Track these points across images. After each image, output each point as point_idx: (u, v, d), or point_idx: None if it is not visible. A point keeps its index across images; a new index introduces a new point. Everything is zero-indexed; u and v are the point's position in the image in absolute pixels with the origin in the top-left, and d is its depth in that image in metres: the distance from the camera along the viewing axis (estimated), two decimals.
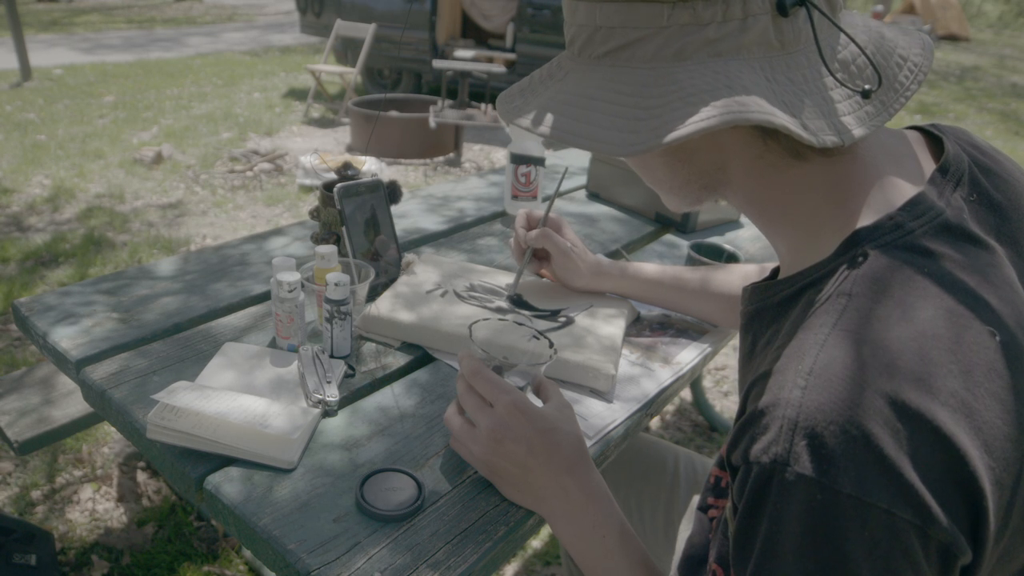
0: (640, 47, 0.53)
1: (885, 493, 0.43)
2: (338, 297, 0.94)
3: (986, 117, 7.25)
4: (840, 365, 0.46)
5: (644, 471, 1.12)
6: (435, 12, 6.15)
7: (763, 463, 0.47)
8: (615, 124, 0.53)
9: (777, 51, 0.52)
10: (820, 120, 0.52)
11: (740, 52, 0.52)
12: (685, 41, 0.52)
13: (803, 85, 0.53)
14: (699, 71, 0.52)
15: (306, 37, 9.42)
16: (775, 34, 0.52)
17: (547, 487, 0.73)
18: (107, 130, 5.19)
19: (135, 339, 1.02)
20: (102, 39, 9.68)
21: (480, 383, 0.75)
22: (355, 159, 4.26)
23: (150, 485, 1.83)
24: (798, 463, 0.45)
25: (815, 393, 0.46)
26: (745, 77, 0.51)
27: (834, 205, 0.56)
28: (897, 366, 0.45)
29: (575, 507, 0.72)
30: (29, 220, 3.57)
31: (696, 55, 0.52)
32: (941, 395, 0.45)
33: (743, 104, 0.49)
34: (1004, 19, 19.40)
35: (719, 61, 0.52)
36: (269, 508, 0.73)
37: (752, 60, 0.52)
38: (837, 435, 0.44)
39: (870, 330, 0.47)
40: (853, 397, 0.45)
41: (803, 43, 0.53)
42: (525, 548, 1.73)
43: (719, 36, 0.51)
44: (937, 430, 0.44)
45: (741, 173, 0.59)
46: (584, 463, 0.74)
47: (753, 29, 0.51)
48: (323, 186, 1.16)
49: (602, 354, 0.99)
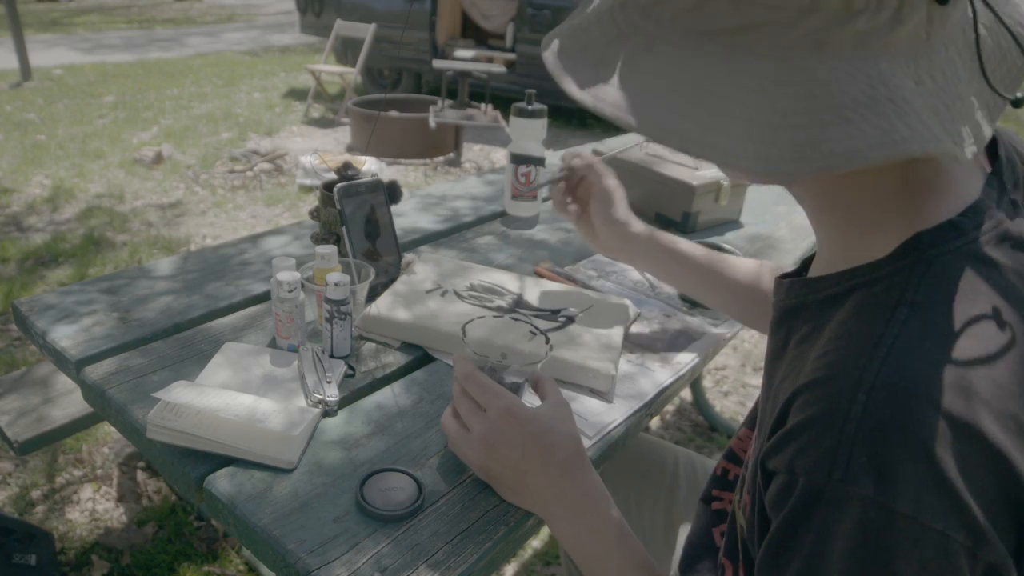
0: (770, 32, 0.43)
1: (942, 515, 0.42)
2: (338, 297, 0.94)
3: None
4: (903, 380, 0.44)
5: (644, 472, 1.12)
6: (435, 12, 6.15)
7: (813, 476, 0.45)
8: (751, 133, 0.43)
9: (924, 43, 0.44)
10: (961, 125, 0.45)
11: (888, 48, 0.43)
12: (831, 31, 0.43)
13: (945, 85, 0.45)
14: (845, 72, 0.43)
15: (306, 37, 9.41)
16: (926, 24, 0.44)
17: (544, 490, 0.72)
18: (107, 130, 5.19)
19: (135, 339, 1.02)
20: (102, 39, 9.68)
21: (473, 387, 0.74)
22: (355, 159, 4.26)
23: (150, 485, 1.83)
24: (855, 481, 0.43)
25: (877, 409, 0.43)
26: (904, 86, 0.43)
27: (902, 203, 0.52)
28: (960, 385, 0.43)
29: (573, 509, 0.71)
30: (29, 220, 3.57)
31: (839, 49, 0.43)
32: (1003, 416, 0.43)
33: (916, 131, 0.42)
34: None
35: (864, 57, 0.43)
36: (269, 508, 0.73)
37: (899, 56, 0.44)
38: (898, 454, 0.42)
39: (934, 345, 0.45)
40: (916, 415, 0.43)
41: (947, 30, 0.45)
42: (525, 548, 1.73)
43: (870, 28, 0.43)
44: (996, 451, 0.42)
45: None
46: (580, 464, 0.73)
47: (908, 22, 0.43)
48: (323, 186, 1.16)
49: (602, 354, 0.99)
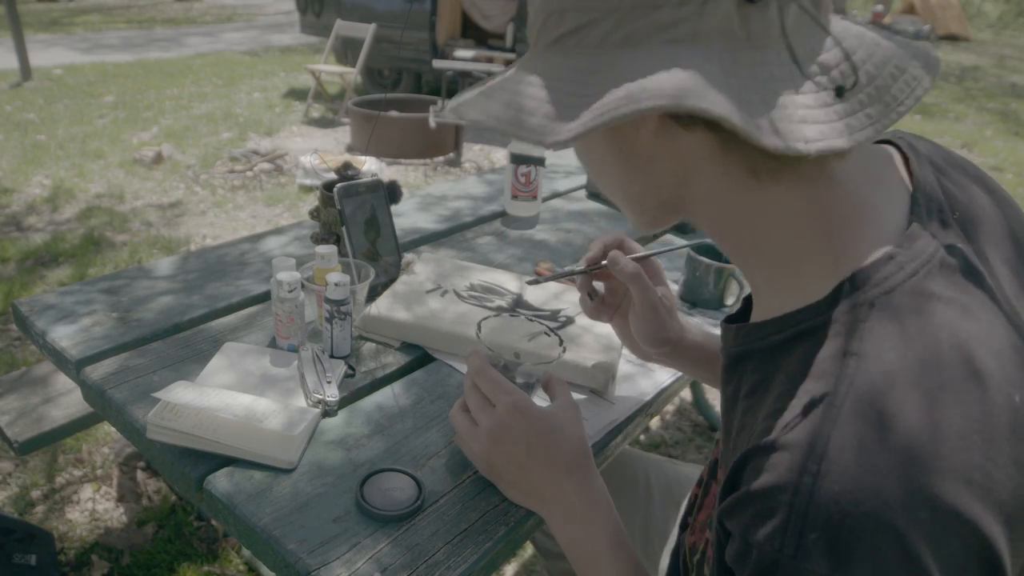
0: (589, 31, 0.48)
1: None
2: (338, 297, 0.94)
3: (986, 117, 7.25)
4: (857, 450, 0.41)
5: (615, 488, 1.03)
6: (435, 12, 6.14)
7: (767, 551, 0.43)
8: (549, 111, 0.48)
9: (743, 44, 0.46)
10: (786, 124, 0.45)
11: (697, 40, 0.45)
12: (636, 24, 0.46)
13: (769, 84, 0.46)
14: (644, 58, 0.46)
15: (306, 37, 9.41)
16: (740, 24, 0.45)
17: (546, 489, 0.72)
18: (107, 130, 5.18)
19: (135, 339, 1.02)
20: (102, 39, 9.68)
21: (483, 382, 0.74)
22: (355, 159, 4.26)
23: (150, 485, 1.83)
24: (809, 558, 0.41)
25: (828, 482, 0.41)
26: (694, 65, 0.44)
27: (816, 239, 0.50)
28: (916, 446, 0.41)
29: (572, 511, 0.71)
30: (29, 220, 3.57)
31: (647, 41, 0.46)
32: (963, 474, 0.41)
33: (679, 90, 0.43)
34: (1004, 19, 19.39)
35: (671, 48, 0.46)
36: (269, 508, 0.73)
37: (710, 50, 0.45)
38: (854, 530, 0.40)
39: (885, 402, 0.42)
40: (871, 487, 0.40)
41: (775, 38, 0.46)
42: (525, 548, 1.73)
43: (674, 20, 0.45)
44: (960, 516, 0.40)
45: (705, 191, 0.53)
46: (585, 466, 0.73)
47: (714, 14, 0.45)
48: (323, 186, 1.16)
49: (601, 354, 0.99)
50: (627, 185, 0.56)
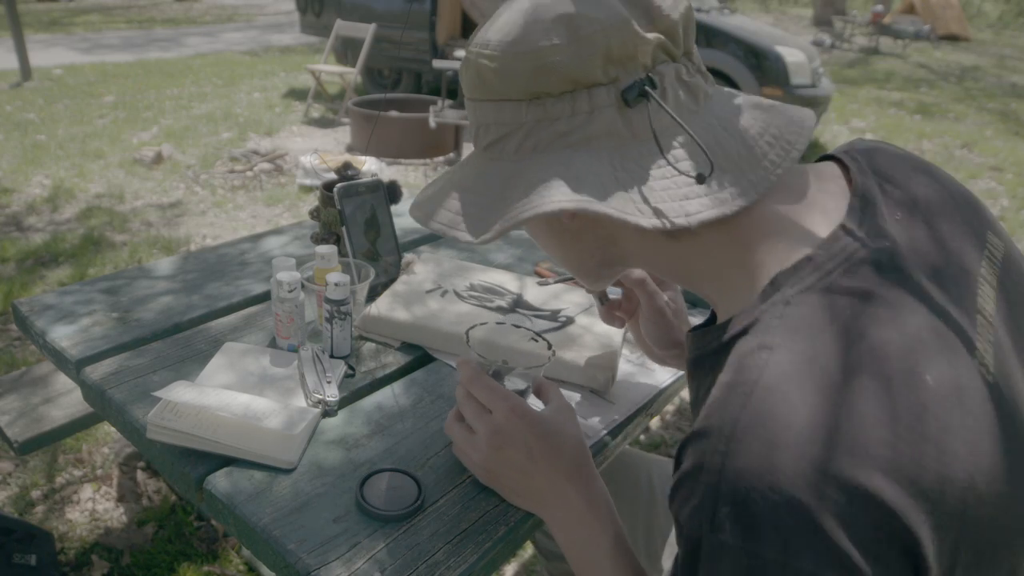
0: (507, 141, 0.60)
1: (811, 556, 0.42)
2: (338, 297, 0.94)
3: (986, 117, 7.25)
4: (761, 429, 0.45)
5: (616, 489, 1.03)
6: (435, 12, 6.14)
7: (690, 528, 0.47)
8: (477, 213, 0.60)
9: (628, 139, 0.56)
10: (675, 203, 0.54)
11: (590, 143, 0.56)
12: (540, 135, 0.57)
13: (653, 170, 0.55)
14: (548, 162, 0.57)
15: (306, 37, 9.41)
16: (623, 124, 0.56)
17: (547, 493, 0.72)
18: (107, 130, 5.18)
19: (135, 339, 1.02)
20: (102, 39, 9.68)
21: (478, 389, 0.74)
22: (355, 159, 4.26)
23: (150, 485, 1.83)
24: (722, 531, 0.45)
25: (735, 459, 0.45)
26: (586, 165, 0.55)
27: (739, 258, 0.56)
28: (819, 426, 0.44)
29: (573, 515, 0.71)
30: (29, 220, 3.57)
31: (550, 147, 0.57)
32: (867, 450, 0.43)
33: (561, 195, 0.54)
34: (1004, 19, 19.40)
35: (568, 152, 0.56)
36: (269, 508, 0.73)
37: (601, 149, 0.56)
38: (759, 503, 0.43)
39: (789, 387, 0.46)
40: (774, 462, 0.43)
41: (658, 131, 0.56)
42: (525, 548, 1.73)
43: (569, 129, 0.56)
44: (863, 489, 0.42)
45: (632, 247, 0.62)
46: (585, 468, 0.73)
47: (599, 120, 0.56)
48: (323, 186, 1.16)
49: (602, 354, 0.99)
50: (568, 254, 0.67)
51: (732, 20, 5.73)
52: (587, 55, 0.55)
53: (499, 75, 0.58)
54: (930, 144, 5.97)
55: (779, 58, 5.23)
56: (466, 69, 0.62)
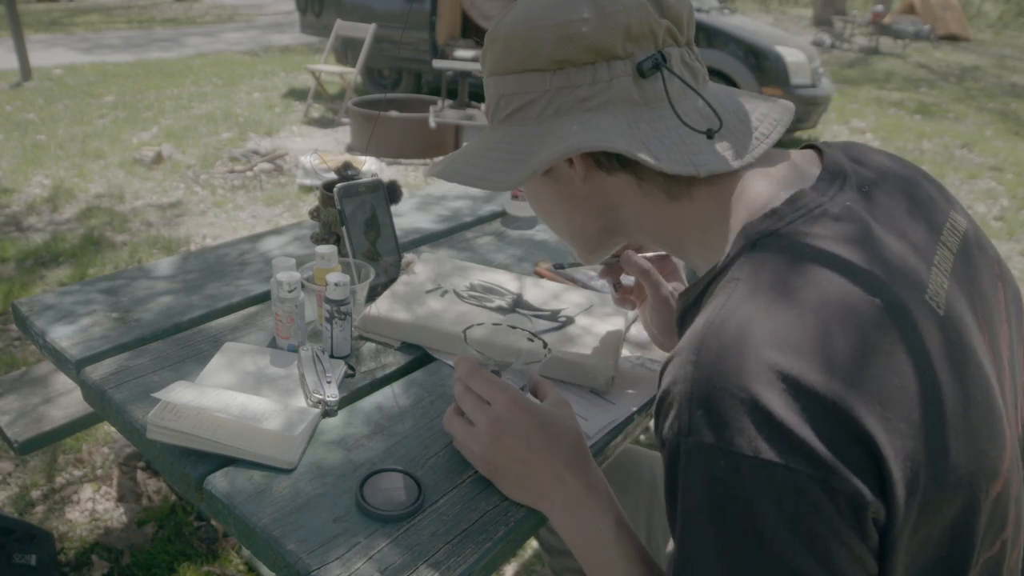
0: (530, 108, 0.67)
1: (780, 450, 0.46)
2: (338, 297, 0.94)
3: (986, 117, 7.25)
4: (726, 337, 0.50)
5: (618, 484, 1.02)
6: (435, 12, 6.13)
7: (669, 439, 0.51)
8: (503, 167, 0.67)
9: (642, 107, 0.64)
10: (679, 155, 0.62)
11: (607, 107, 0.64)
12: (562, 100, 0.65)
13: (664, 132, 0.63)
14: (570, 122, 0.64)
15: (306, 37, 9.41)
16: (638, 92, 0.64)
17: (547, 481, 0.73)
18: (107, 130, 5.18)
19: (135, 339, 1.02)
20: (102, 39, 9.68)
21: (477, 383, 0.75)
22: (355, 159, 4.26)
23: (150, 485, 1.83)
24: (697, 433, 0.49)
25: (704, 366, 0.50)
26: (605, 123, 0.63)
27: (720, 217, 0.63)
28: (778, 335, 0.49)
29: (574, 501, 0.72)
30: (29, 220, 3.57)
31: (572, 111, 0.65)
32: (819, 355, 0.48)
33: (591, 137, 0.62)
34: (1004, 19, 19.40)
35: (589, 114, 0.64)
36: (269, 508, 0.73)
37: (617, 112, 0.64)
38: (727, 400, 0.47)
39: (751, 306, 0.52)
40: (739, 365, 0.48)
41: (665, 101, 0.64)
42: (525, 548, 1.73)
43: (589, 95, 0.64)
44: (816, 389, 0.47)
45: (633, 212, 0.68)
46: (583, 457, 0.74)
47: (617, 88, 0.63)
48: (323, 186, 1.16)
49: (601, 353, 0.99)
50: (570, 220, 0.73)
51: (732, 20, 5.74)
52: (610, 30, 0.62)
53: (528, 45, 0.65)
54: (930, 144, 5.97)
55: (779, 58, 5.23)
56: (492, 44, 0.68)
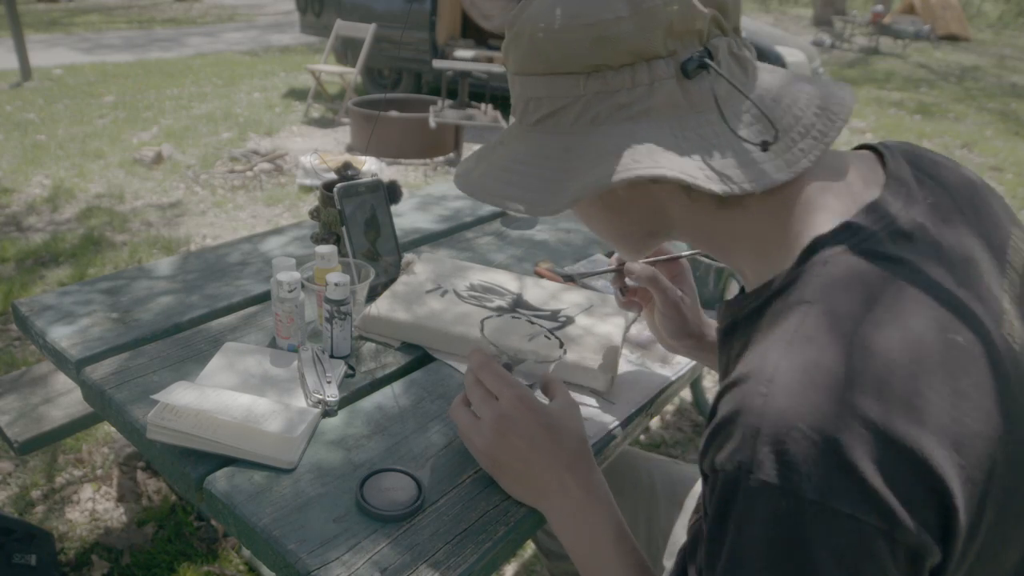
0: (563, 115, 0.60)
1: (849, 498, 0.43)
2: (338, 297, 0.94)
3: (986, 117, 7.25)
4: (801, 372, 0.46)
5: (617, 487, 1.00)
6: (435, 12, 6.14)
7: (728, 470, 0.47)
8: (541, 186, 0.60)
9: (686, 111, 0.57)
10: (735, 170, 0.55)
11: (650, 114, 0.57)
12: (599, 108, 0.58)
13: (713, 139, 0.57)
14: (611, 133, 0.58)
15: (306, 37, 9.41)
16: (683, 95, 0.57)
17: (548, 483, 0.73)
18: (107, 130, 5.18)
19: (135, 339, 1.02)
20: (102, 39, 9.68)
21: (487, 376, 0.75)
22: (355, 159, 4.26)
23: (150, 485, 1.83)
24: (761, 470, 0.45)
25: (777, 400, 0.46)
26: (650, 136, 0.56)
27: (780, 226, 0.58)
28: (856, 372, 0.46)
29: (574, 505, 0.72)
30: (28, 220, 3.57)
31: (610, 119, 0.58)
32: (901, 399, 0.45)
33: (639, 164, 0.55)
34: (1004, 19, 19.39)
35: (630, 124, 0.57)
36: (269, 508, 0.73)
37: (662, 120, 0.57)
38: (799, 441, 0.44)
39: (828, 337, 0.48)
40: (816, 405, 0.45)
41: (712, 103, 0.57)
42: (525, 548, 1.73)
43: (629, 101, 0.57)
44: (899, 437, 0.44)
45: (680, 217, 0.63)
46: (586, 461, 0.74)
47: (660, 92, 0.57)
48: (323, 186, 1.16)
49: (601, 354, 0.99)
50: (613, 225, 0.67)
51: None
52: (650, 27, 0.55)
53: (559, 47, 0.58)
54: (930, 144, 5.97)
55: (779, 58, 5.24)
56: (516, 42, 0.61)
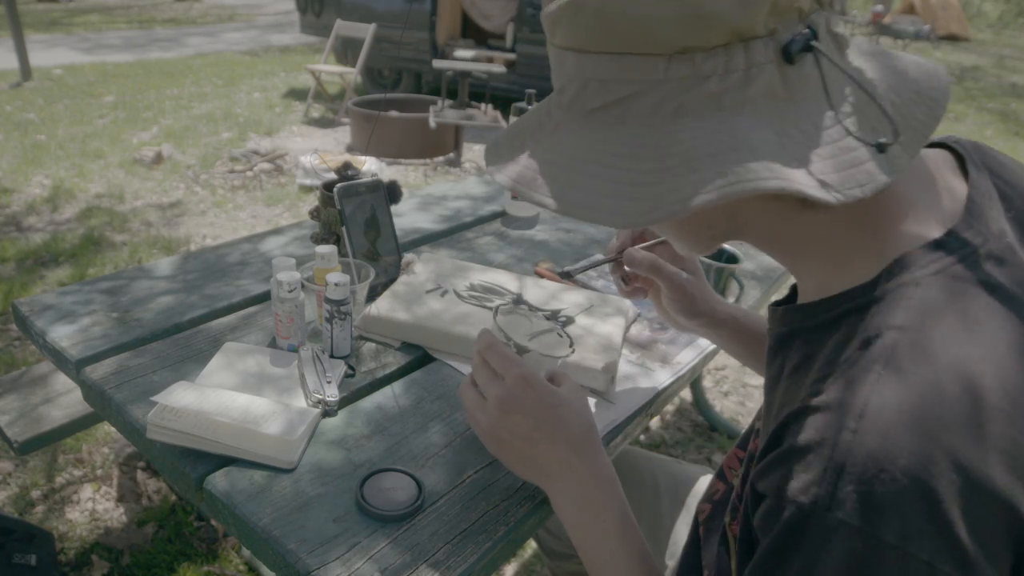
0: (636, 102, 0.50)
1: (929, 545, 0.41)
2: (338, 297, 0.94)
3: (986, 117, 7.25)
4: (893, 410, 0.44)
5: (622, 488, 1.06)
6: (435, 12, 6.14)
7: (801, 503, 0.45)
8: (615, 191, 0.50)
9: (784, 101, 0.49)
10: (838, 173, 0.48)
11: (745, 106, 0.49)
12: (685, 96, 0.49)
13: (815, 136, 0.49)
14: (702, 129, 0.48)
15: (306, 37, 9.41)
16: (781, 84, 0.49)
17: (552, 463, 0.72)
18: (107, 130, 5.18)
19: (135, 339, 1.02)
20: (102, 39, 9.68)
21: (493, 356, 0.74)
22: (355, 159, 4.26)
23: (150, 485, 1.83)
24: (842, 509, 0.43)
25: (866, 438, 0.43)
26: (753, 135, 0.48)
27: (863, 234, 0.53)
28: (952, 414, 0.43)
29: (579, 486, 0.71)
30: (28, 220, 3.57)
31: (697, 110, 0.49)
32: (998, 445, 0.43)
33: (753, 172, 0.46)
34: (1004, 19, 19.39)
35: (722, 116, 0.48)
36: (269, 508, 0.73)
37: (758, 114, 0.49)
38: (887, 484, 0.42)
39: (923, 372, 0.44)
40: (907, 446, 0.42)
41: (812, 89, 0.49)
42: (525, 548, 1.73)
43: (721, 89, 0.48)
44: (990, 484, 0.42)
45: (755, 218, 0.56)
46: (592, 443, 0.73)
47: (758, 80, 0.48)
48: (323, 186, 1.16)
49: (601, 354, 0.99)
50: (680, 228, 0.60)
51: None
52: (753, 3, 0.47)
53: (638, 23, 0.48)
54: None
55: None
56: (575, 13, 0.50)
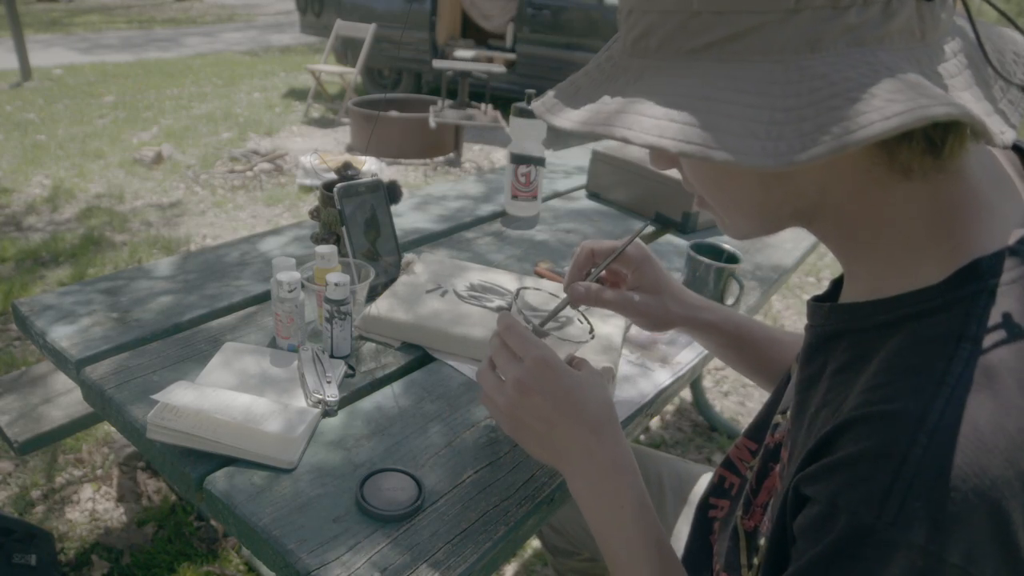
0: (760, 36, 0.44)
1: (992, 566, 0.41)
2: (338, 297, 0.94)
3: None
4: (969, 427, 0.42)
5: None
6: (435, 12, 6.14)
7: (860, 514, 0.43)
8: (743, 129, 0.43)
9: (918, 42, 0.45)
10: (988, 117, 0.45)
11: (883, 42, 0.44)
12: (821, 28, 0.43)
13: (949, 81, 0.45)
14: (843, 63, 0.43)
15: (306, 37, 9.41)
16: (918, 21, 0.45)
17: (571, 445, 0.70)
18: (107, 130, 5.19)
19: (135, 339, 1.02)
20: (101, 39, 9.68)
21: (511, 337, 0.73)
22: (355, 159, 4.26)
23: (150, 485, 1.83)
24: (908, 527, 0.41)
25: (939, 455, 0.41)
26: (906, 69, 0.43)
27: (936, 230, 0.49)
28: None
29: (597, 469, 0.69)
30: (28, 220, 3.57)
31: (833, 45, 0.44)
32: None
33: (931, 100, 0.40)
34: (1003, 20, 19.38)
35: (862, 51, 0.43)
36: (269, 508, 0.73)
37: (897, 52, 0.44)
38: (958, 503, 0.41)
39: (1001, 388, 0.43)
40: (981, 466, 0.41)
41: (940, 32, 0.46)
42: (525, 548, 1.73)
43: (860, 22, 0.43)
44: None
45: (843, 194, 0.51)
46: (611, 426, 0.71)
47: (899, 14, 0.44)
48: (323, 186, 1.16)
49: (601, 354, 0.99)
50: (764, 196, 0.53)
51: None
52: None
53: None
54: None
55: None
56: None
